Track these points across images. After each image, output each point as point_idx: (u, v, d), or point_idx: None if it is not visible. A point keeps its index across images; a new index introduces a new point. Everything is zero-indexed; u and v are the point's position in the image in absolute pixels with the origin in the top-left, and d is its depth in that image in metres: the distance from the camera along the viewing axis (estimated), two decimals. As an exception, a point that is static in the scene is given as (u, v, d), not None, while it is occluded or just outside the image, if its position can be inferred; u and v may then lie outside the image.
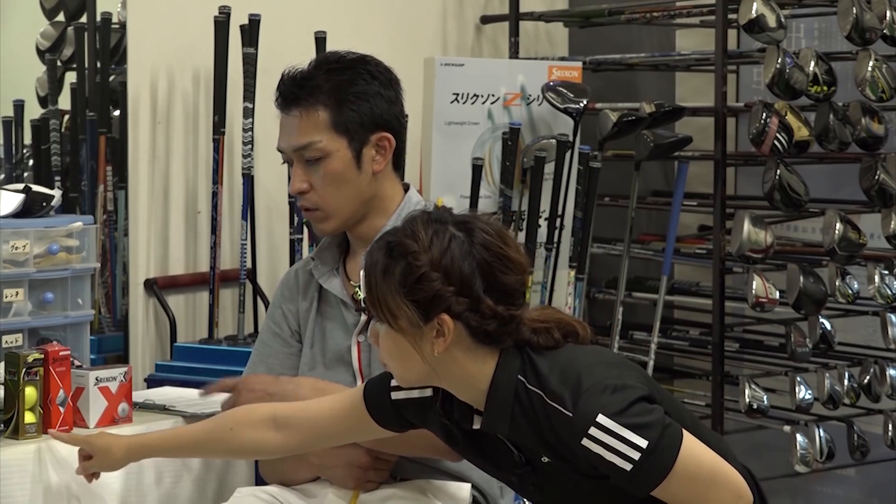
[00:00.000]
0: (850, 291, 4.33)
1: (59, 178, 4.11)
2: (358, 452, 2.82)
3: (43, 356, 3.02)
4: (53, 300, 3.43)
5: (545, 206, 4.28)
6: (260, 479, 3.08)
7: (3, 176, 4.08)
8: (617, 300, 4.53)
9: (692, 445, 2.33)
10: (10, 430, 2.99)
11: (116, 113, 4.19)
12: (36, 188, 3.52)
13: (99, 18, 4.13)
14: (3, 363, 3.08)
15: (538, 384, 2.37)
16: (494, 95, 4.29)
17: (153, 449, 2.85)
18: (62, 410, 3.04)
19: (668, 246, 4.60)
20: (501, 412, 2.40)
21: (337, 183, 2.89)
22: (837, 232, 4.25)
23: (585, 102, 4.27)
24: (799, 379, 4.35)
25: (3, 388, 3.04)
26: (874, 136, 4.31)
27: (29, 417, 2.99)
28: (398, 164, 2.98)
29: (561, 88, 4.28)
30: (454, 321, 2.37)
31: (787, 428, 4.36)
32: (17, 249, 3.33)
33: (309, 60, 2.96)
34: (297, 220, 4.17)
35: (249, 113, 4.15)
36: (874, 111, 4.32)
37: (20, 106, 4.12)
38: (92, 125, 4.15)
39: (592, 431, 2.30)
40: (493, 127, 4.28)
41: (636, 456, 2.29)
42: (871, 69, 4.19)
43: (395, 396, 2.56)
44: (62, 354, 3.06)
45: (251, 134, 4.16)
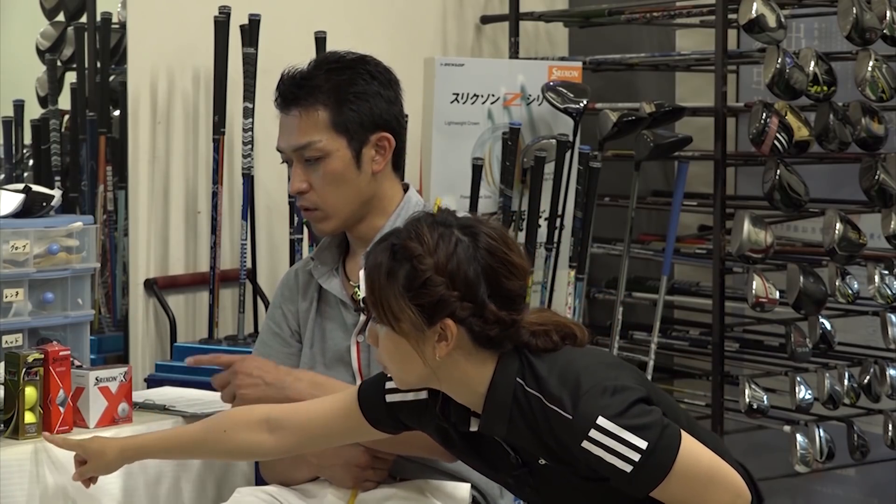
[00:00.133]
0: (850, 291, 4.33)
1: (59, 178, 4.11)
2: (356, 452, 2.82)
3: (43, 356, 3.01)
4: (53, 300, 3.42)
5: (545, 206, 4.28)
6: (260, 479, 3.09)
7: (3, 176, 4.08)
8: (617, 300, 4.52)
9: (691, 445, 2.33)
10: (10, 430, 2.98)
11: (116, 113, 4.18)
12: (36, 188, 3.51)
13: (99, 18, 4.13)
14: (3, 363, 3.07)
15: (537, 387, 2.36)
16: (494, 95, 4.29)
17: (147, 450, 2.84)
18: (62, 410, 3.04)
19: (668, 246, 4.59)
20: (500, 415, 2.40)
21: (336, 183, 2.89)
22: (837, 232, 4.25)
23: (585, 102, 4.27)
24: (799, 379, 4.35)
25: (3, 388, 3.03)
26: (874, 136, 4.31)
27: (29, 417, 2.98)
28: (398, 164, 2.98)
29: (561, 88, 4.28)
30: (457, 326, 2.36)
31: (787, 428, 4.36)
32: (17, 249, 3.33)
33: (309, 60, 2.97)
34: (297, 220, 4.17)
35: (249, 113, 4.14)
36: (874, 111, 4.31)
37: (20, 106, 4.12)
38: (92, 125, 4.14)
39: (592, 434, 2.30)
40: (493, 127, 4.28)
41: (636, 457, 2.29)
42: (871, 69, 4.19)
43: (389, 399, 2.56)
44: (62, 354, 3.05)
45: (251, 134, 4.16)
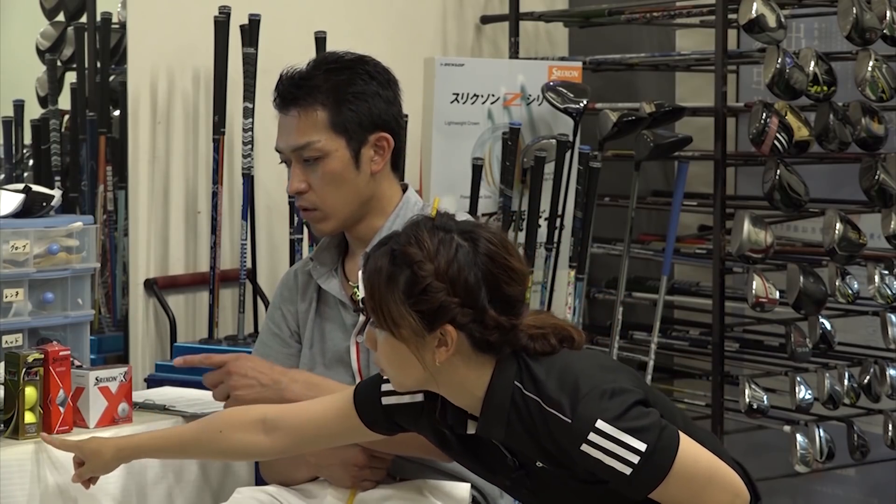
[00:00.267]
0: (850, 291, 4.33)
1: (59, 178, 4.11)
2: (353, 451, 2.82)
3: (43, 356, 3.01)
4: (53, 300, 3.42)
5: (545, 206, 4.28)
6: (260, 479, 3.09)
7: (3, 176, 4.08)
8: (617, 300, 4.52)
9: (689, 446, 2.33)
10: (10, 430, 2.99)
11: (116, 113, 4.18)
12: (36, 188, 3.51)
13: (99, 18, 4.13)
14: (3, 363, 3.08)
15: (535, 390, 2.36)
16: (494, 95, 4.29)
17: (143, 450, 2.84)
18: (62, 410, 3.04)
19: (668, 246, 4.59)
20: (498, 418, 2.39)
21: (335, 183, 2.89)
22: (837, 232, 4.25)
23: (585, 102, 4.27)
24: (799, 379, 4.35)
25: (3, 388, 3.04)
26: (874, 136, 4.31)
27: (29, 417, 2.99)
28: (396, 164, 2.98)
29: (561, 88, 4.28)
30: (457, 331, 2.35)
31: (787, 428, 4.36)
32: (17, 249, 3.33)
33: (308, 61, 2.97)
34: (297, 220, 4.17)
35: (249, 113, 4.14)
36: (874, 111, 4.31)
37: (20, 106, 4.11)
38: (92, 125, 4.14)
39: (591, 437, 2.29)
40: (493, 127, 4.28)
41: (635, 459, 2.29)
42: (871, 69, 4.19)
43: (385, 401, 2.55)
44: (62, 354, 3.06)
45: (251, 134, 4.16)
